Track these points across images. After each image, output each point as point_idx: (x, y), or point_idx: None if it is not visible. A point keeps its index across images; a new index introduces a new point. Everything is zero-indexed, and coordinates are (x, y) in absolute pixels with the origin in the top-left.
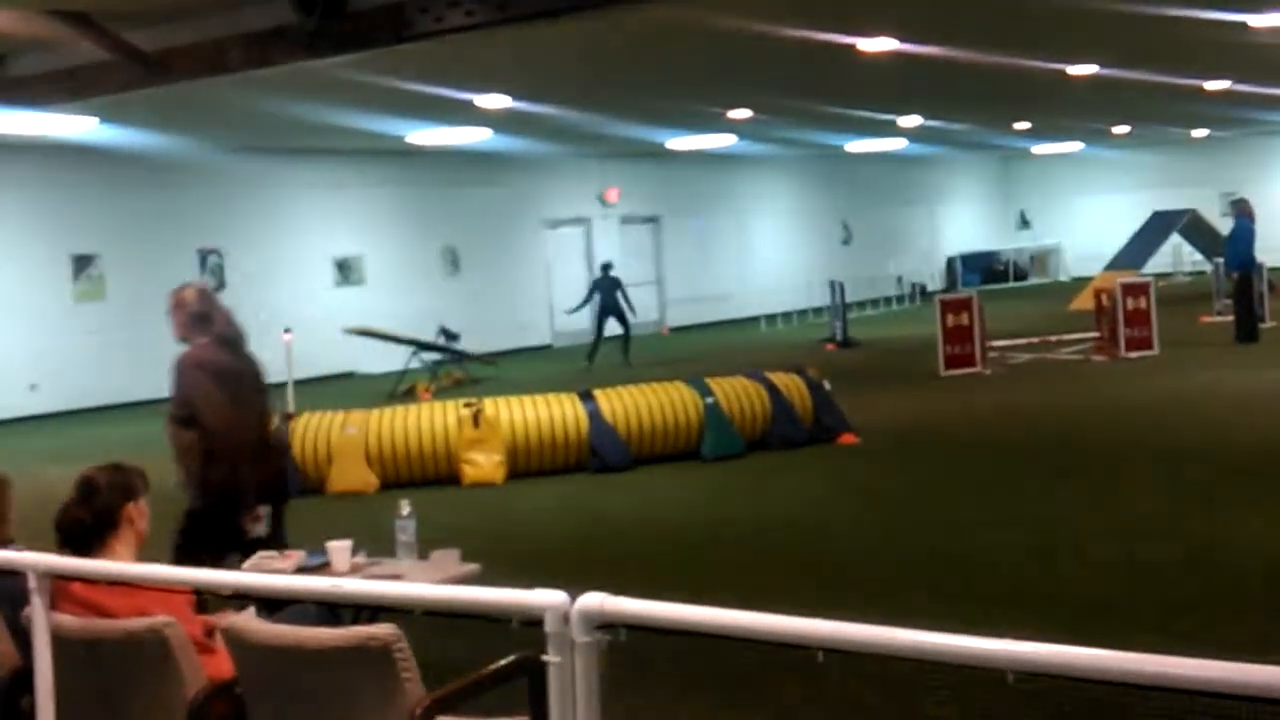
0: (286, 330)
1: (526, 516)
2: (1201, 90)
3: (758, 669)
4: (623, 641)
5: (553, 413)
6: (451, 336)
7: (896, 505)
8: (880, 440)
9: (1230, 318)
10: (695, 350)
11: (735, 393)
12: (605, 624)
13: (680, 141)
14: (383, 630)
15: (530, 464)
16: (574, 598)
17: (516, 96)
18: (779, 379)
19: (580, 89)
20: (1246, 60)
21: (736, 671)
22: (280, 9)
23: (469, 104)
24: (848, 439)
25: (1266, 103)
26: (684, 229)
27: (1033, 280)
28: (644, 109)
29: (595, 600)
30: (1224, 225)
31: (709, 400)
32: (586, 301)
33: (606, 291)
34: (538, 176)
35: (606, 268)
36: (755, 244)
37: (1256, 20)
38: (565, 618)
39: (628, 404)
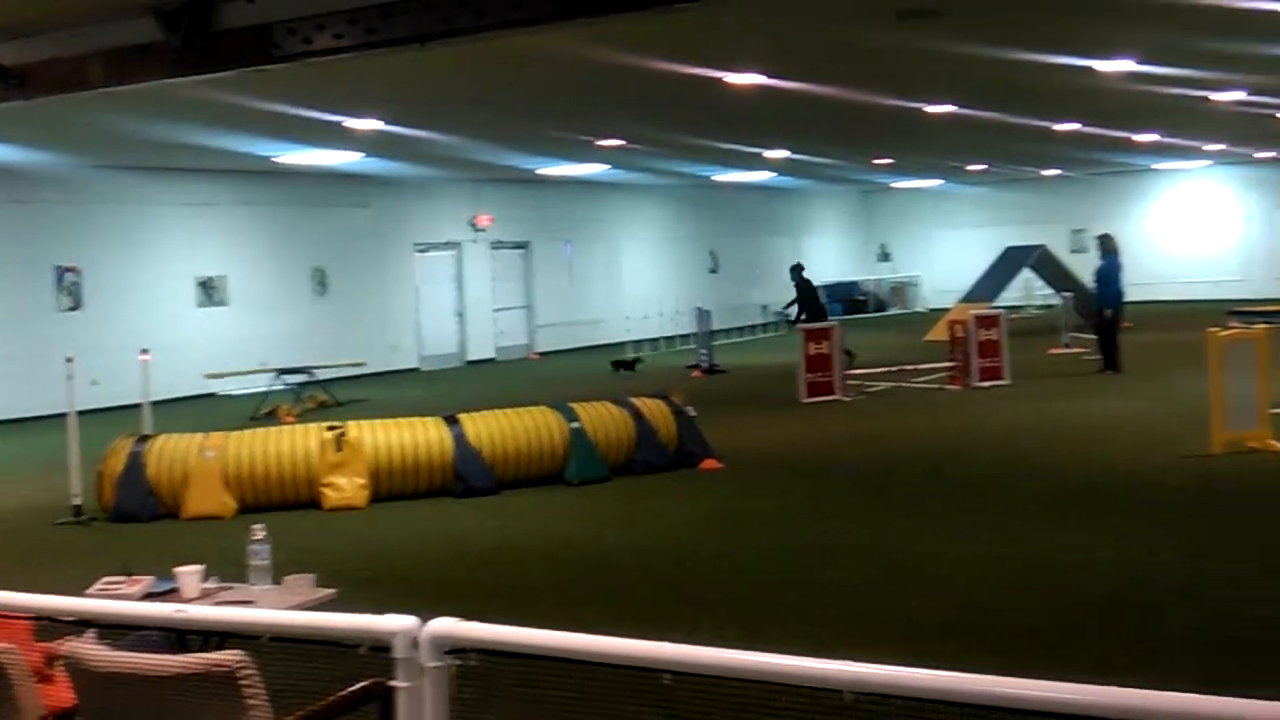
0: (144, 351)
1: (389, 541)
2: (1051, 131)
3: (610, 693)
4: (474, 666)
5: (417, 436)
6: (296, 371)
7: (757, 529)
8: (743, 465)
9: (1078, 350)
10: (563, 375)
11: (601, 418)
12: (456, 648)
13: (552, 168)
14: (228, 657)
15: (394, 488)
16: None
17: (388, 120)
18: (644, 405)
19: (452, 114)
20: (1093, 103)
21: (589, 696)
22: (145, 26)
23: (339, 126)
24: (710, 464)
25: (1112, 144)
26: (554, 255)
27: (893, 311)
28: (516, 136)
29: (445, 625)
30: (1073, 261)
31: (574, 425)
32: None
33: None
34: (409, 199)
35: (799, 269)
36: (625, 270)
37: (1102, 65)
38: (415, 642)
39: (493, 428)
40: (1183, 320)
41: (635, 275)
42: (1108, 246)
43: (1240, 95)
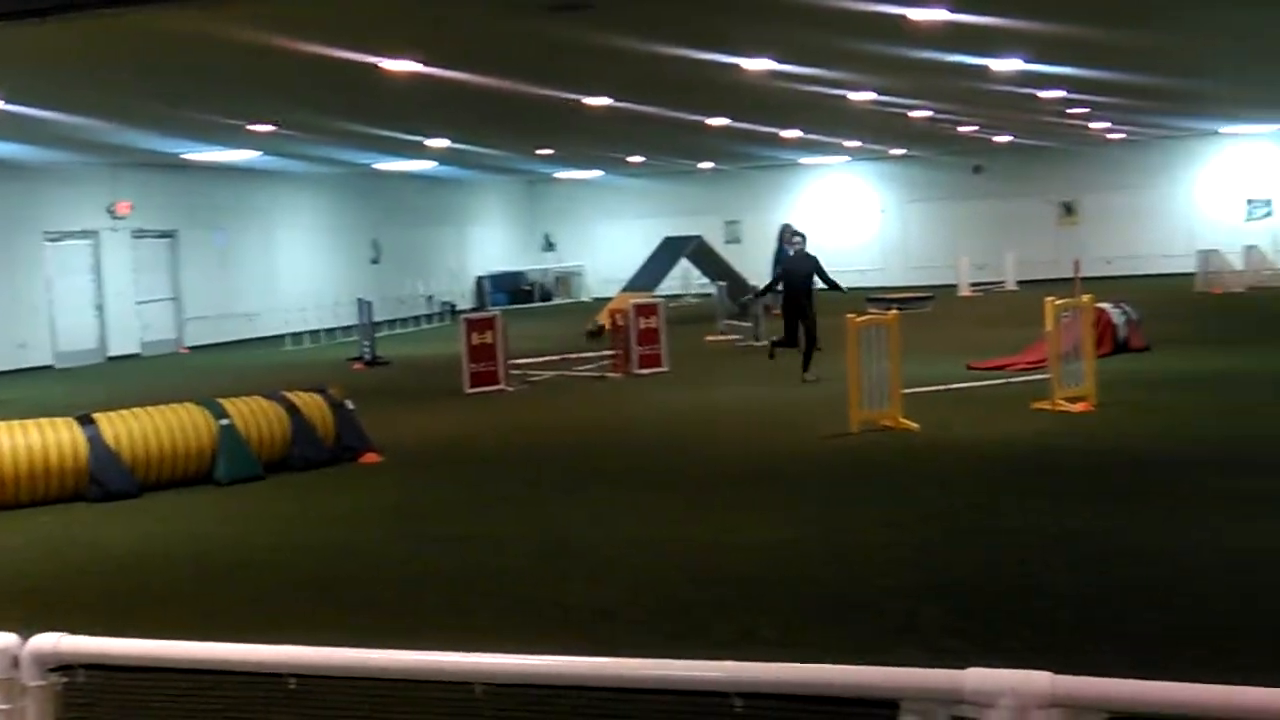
0: None
1: (11, 552)
2: (704, 125)
3: (239, 704)
4: (83, 684)
5: (46, 438)
6: None
7: (416, 522)
8: (404, 458)
9: (733, 336)
10: (215, 370)
11: (253, 413)
12: (62, 665)
13: (199, 153)
14: None
15: (20, 494)
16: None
17: (10, 99)
18: (300, 399)
19: (83, 94)
20: (741, 99)
21: (214, 705)
22: None
23: None
24: (370, 458)
25: (760, 139)
26: (204, 244)
27: (557, 301)
28: (154, 118)
29: (49, 641)
30: (728, 252)
31: (224, 422)
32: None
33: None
34: (39, 185)
35: (789, 236)
36: (281, 261)
37: (747, 63)
38: (15, 661)
39: (133, 427)
40: (828, 307)
41: (293, 266)
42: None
43: (873, 95)
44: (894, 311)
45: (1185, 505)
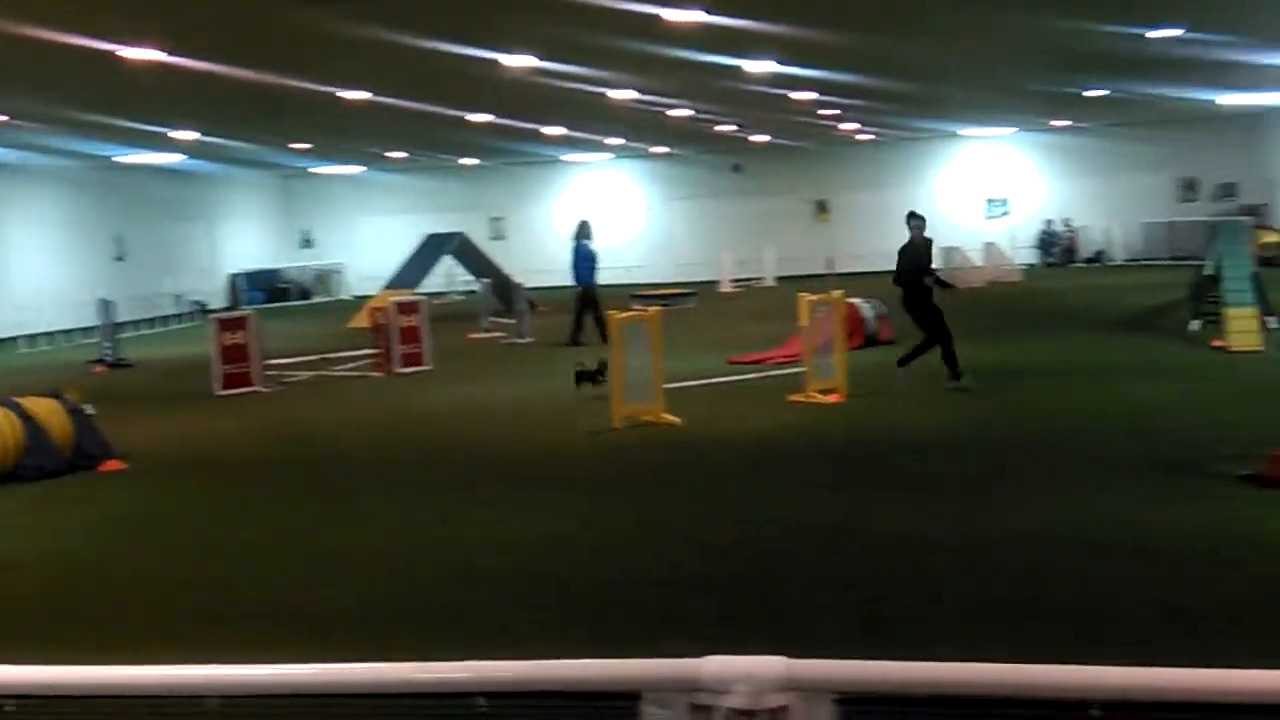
0: None
1: None
2: (465, 121)
3: None
4: None
5: None
6: None
7: (159, 531)
8: (149, 465)
9: (497, 334)
10: None
11: None
12: None
13: None
14: None
15: None
16: None
17: None
18: (33, 404)
19: None
20: (502, 95)
21: None
22: None
23: None
24: (112, 465)
25: (523, 136)
26: None
27: (317, 299)
28: None
29: None
30: (493, 248)
31: None
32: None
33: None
34: None
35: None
36: (13, 259)
37: (507, 59)
38: None
39: None
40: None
41: (26, 263)
42: (580, 232)
43: (633, 94)
44: (656, 308)
45: (927, 489)
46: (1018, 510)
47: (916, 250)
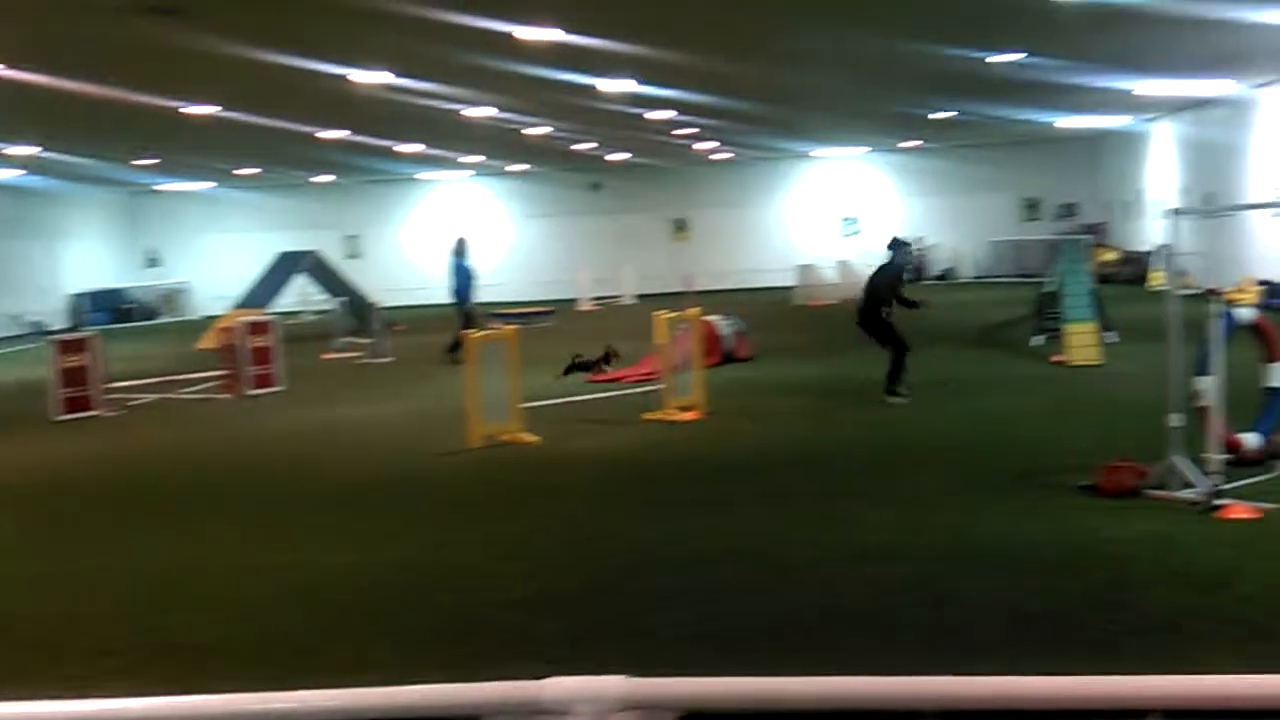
0: None
1: None
2: (316, 138)
3: None
4: None
5: None
6: None
7: None
8: None
9: (351, 354)
10: None
11: None
12: None
13: None
14: None
15: None
16: None
17: None
18: None
19: None
20: (355, 112)
21: None
22: None
23: None
24: None
25: (377, 153)
26: None
27: (163, 319)
28: None
29: None
30: (348, 267)
31: None
32: None
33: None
34: None
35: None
36: None
37: (359, 75)
38: None
39: None
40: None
41: None
42: (458, 249)
43: (491, 111)
44: (514, 326)
45: (780, 505)
46: (867, 525)
47: (887, 277)
